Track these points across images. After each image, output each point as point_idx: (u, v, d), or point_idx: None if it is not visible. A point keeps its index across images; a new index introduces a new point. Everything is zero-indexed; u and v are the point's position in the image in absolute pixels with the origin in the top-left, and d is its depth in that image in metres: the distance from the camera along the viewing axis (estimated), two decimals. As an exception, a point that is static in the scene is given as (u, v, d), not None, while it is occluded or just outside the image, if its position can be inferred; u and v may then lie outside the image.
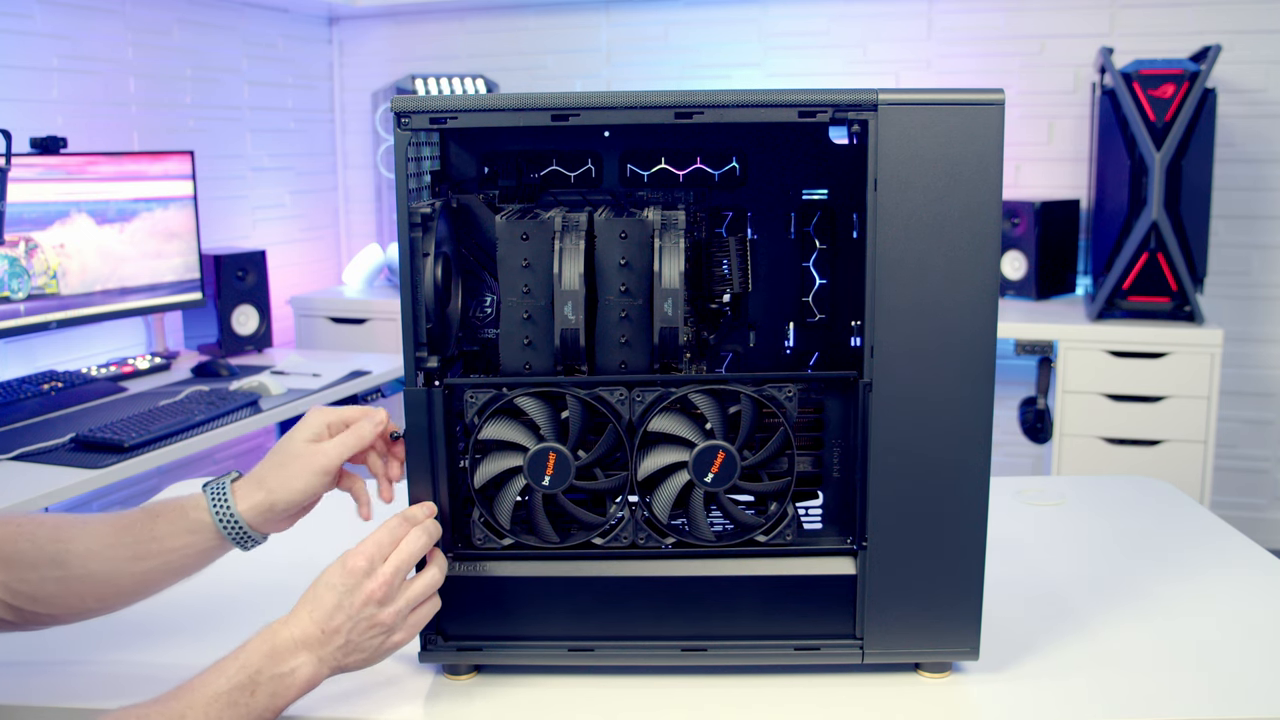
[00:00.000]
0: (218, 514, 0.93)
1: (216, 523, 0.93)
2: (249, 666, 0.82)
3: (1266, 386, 3.26)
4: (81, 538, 0.92)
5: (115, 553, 0.92)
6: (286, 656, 0.83)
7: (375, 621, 0.87)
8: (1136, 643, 1.03)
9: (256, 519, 0.94)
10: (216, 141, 3.33)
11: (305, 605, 0.86)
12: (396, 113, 0.90)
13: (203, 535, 0.94)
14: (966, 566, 0.94)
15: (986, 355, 0.91)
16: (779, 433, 0.93)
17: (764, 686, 0.96)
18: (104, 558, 0.92)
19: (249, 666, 0.82)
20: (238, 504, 0.93)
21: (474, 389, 0.93)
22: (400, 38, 3.85)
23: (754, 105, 0.89)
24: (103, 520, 0.94)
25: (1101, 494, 1.50)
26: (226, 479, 0.95)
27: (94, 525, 0.94)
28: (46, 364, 2.71)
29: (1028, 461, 3.43)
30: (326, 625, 0.85)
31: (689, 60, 3.62)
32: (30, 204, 2.41)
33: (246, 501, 0.94)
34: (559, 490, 0.92)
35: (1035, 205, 3.12)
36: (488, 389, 0.93)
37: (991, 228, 0.89)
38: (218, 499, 0.94)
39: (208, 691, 0.80)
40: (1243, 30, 3.12)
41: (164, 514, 0.94)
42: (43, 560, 0.90)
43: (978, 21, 3.37)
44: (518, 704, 0.94)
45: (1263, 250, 3.21)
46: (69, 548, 0.91)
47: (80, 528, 0.93)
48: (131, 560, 0.93)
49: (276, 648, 0.84)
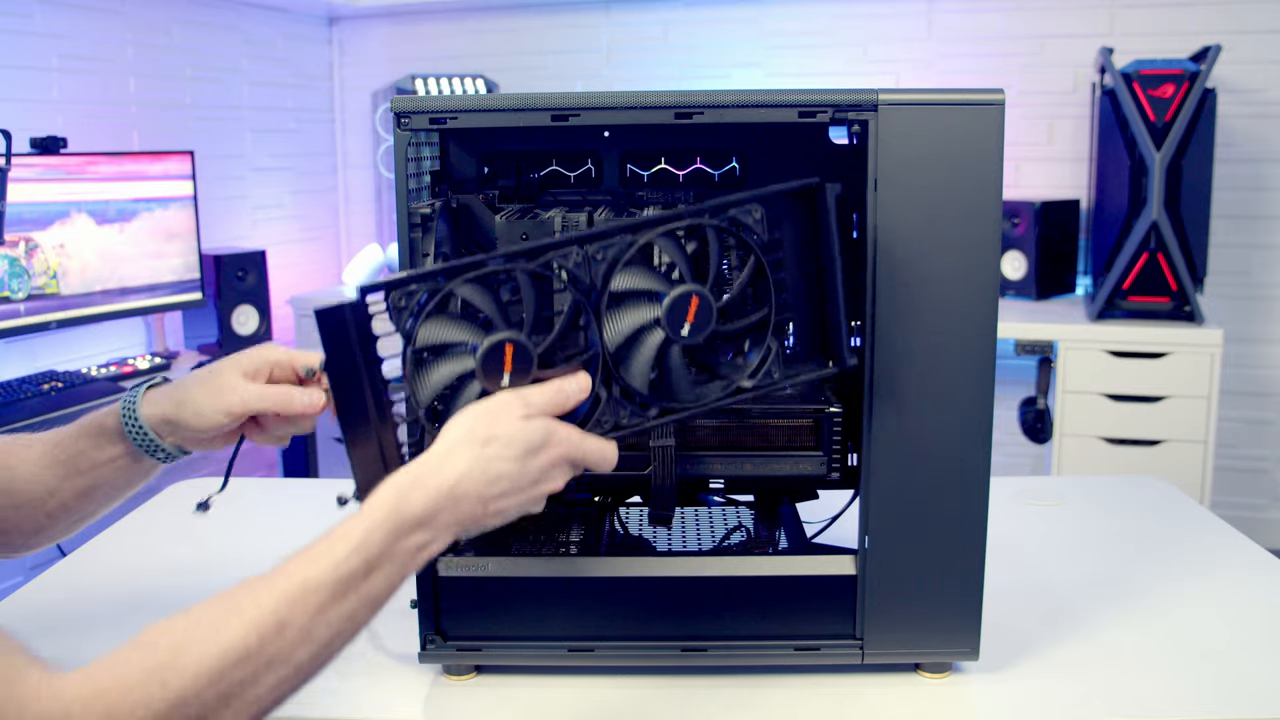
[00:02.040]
0: (125, 419, 0.91)
1: (123, 427, 0.91)
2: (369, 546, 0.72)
3: (1266, 386, 3.26)
4: (24, 462, 0.92)
5: (53, 472, 0.92)
6: (416, 530, 0.73)
7: (539, 492, 0.78)
8: (1136, 643, 1.03)
9: (162, 428, 0.91)
10: (216, 141, 3.33)
11: (453, 457, 0.75)
12: (396, 113, 0.90)
13: (119, 447, 0.92)
14: (966, 566, 0.94)
15: (986, 355, 0.91)
16: (750, 261, 0.84)
17: (764, 686, 0.96)
18: (44, 480, 0.92)
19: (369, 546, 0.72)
20: (145, 408, 0.91)
21: (396, 289, 0.78)
22: (400, 38, 3.85)
23: (754, 105, 0.89)
24: (41, 440, 0.94)
25: (1101, 494, 1.50)
26: (143, 385, 0.93)
27: (35, 447, 0.93)
28: (46, 364, 2.70)
29: (1028, 461, 3.43)
30: (488, 492, 0.75)
31: (689, 60, 3.62)
32: (30, 204, 2.41)
33: (153, 408, 0.91)
34: (520, 387, 0.79)
35: (1035, 205, 3.12)
36: (413, 285, 0.78)
37: (991, 228, 0.89)
38: (128, 403, 0.92)
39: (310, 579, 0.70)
40: (1243, 30, 3.12)
41: (89, 429, 0.93)
42: None
43: (978, 21, 3.37)
44: (518, 704, 0.94)
45: (1263, 250, 3.21)
46: (14, 474, 0.91)
47: (22, 452, 0.93)
48: (66, 478, 0.92)
49: (405, 519, 0.73)
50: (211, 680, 0.66)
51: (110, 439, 0.92)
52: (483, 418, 0.76)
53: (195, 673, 0.65)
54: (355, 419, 0.80)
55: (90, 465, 0.93)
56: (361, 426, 0.81)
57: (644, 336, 0.83)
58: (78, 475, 0.92)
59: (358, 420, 0.80)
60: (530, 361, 0.79)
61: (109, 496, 0.95)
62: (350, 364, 0.79)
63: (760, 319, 0.85)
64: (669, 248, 0.83)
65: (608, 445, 0.81)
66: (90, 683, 0.64)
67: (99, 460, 0.93)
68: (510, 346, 0.78)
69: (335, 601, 0.70)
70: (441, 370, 0.80)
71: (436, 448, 0.76)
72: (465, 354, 0.79)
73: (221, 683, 0.66)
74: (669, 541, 1.06)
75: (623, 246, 0.81)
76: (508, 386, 0.79)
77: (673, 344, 0.83)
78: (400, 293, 0.78)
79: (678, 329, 0.82)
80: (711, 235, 0.83)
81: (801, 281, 0.88)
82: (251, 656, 0.67)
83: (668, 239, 0.83)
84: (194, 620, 0.68)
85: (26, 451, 0.93)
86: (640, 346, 0.83)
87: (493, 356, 0.78)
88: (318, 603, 0.70)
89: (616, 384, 0.84)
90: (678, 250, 0.83)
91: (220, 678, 0.66)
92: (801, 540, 1.03)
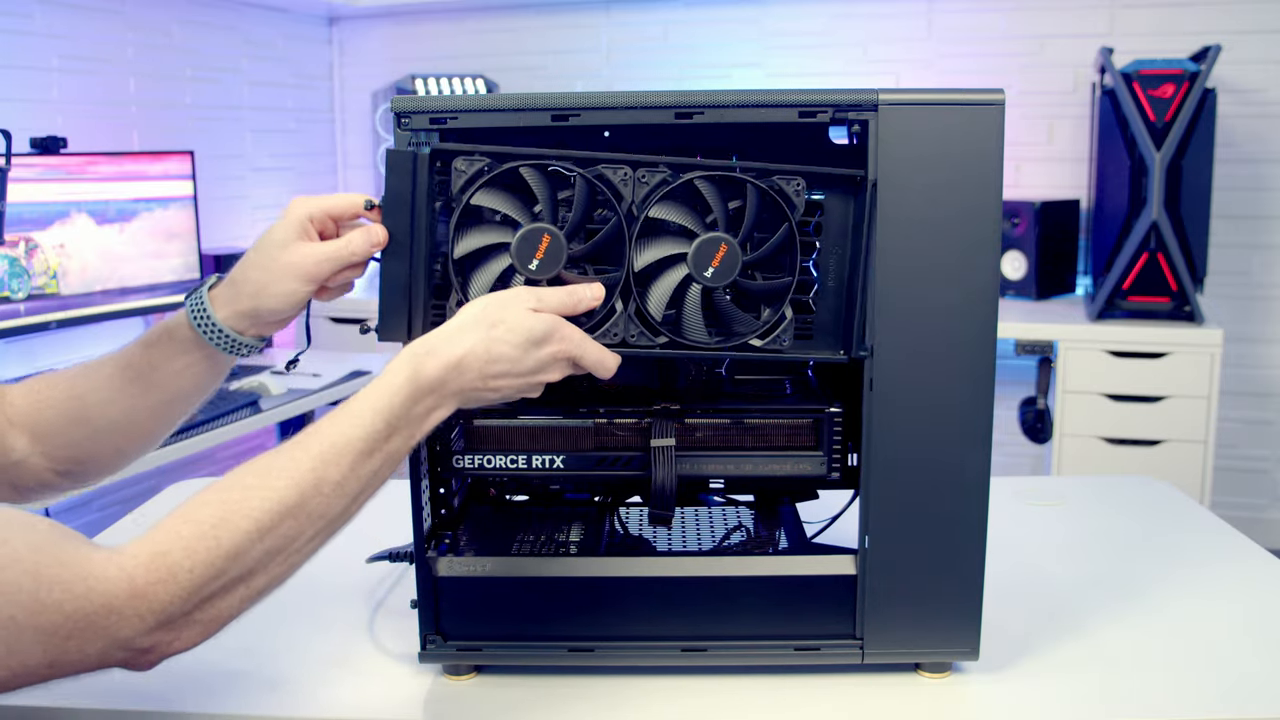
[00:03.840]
0: (200, 327, 0.90)
1: (203, 335, 0.90)
2: (391, 408, 0.79)
3: (1266, 386, 3.26)
4: (94, 389, 0.92)
5: (126, 393, 0.92)
6: (427, 395, 0.80)
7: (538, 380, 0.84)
8: (1136, 643, 1.03)
9: (242, 325, 0.91)
10: (216, 141, 3.33)
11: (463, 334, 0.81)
12: (396, 113, 0.90)
13: (197, 353, 0.92)
14: (966, 566, 0.94)
15: (986, 355, 0.91)
16: (784, 227, 0.89)
17: (764, 686, 0.96)
18: (118, 402, 0.92)
19: (391, 408, 0.79)
20: (218, 311, 0.90)
21: (465, 155, 0.87)
22: (400, 38, 3.85)
23: (754, 105, 0.89)
24: (108, 363, 0.93)
25: (1101, 494, 1.50)
26: (204, 287, 0.92)
27: (103, 371, 0.93)
28: (46, 364, 2.70)
29: (1028, 461, 3.43)
30: (488, 370, 0.81)
31: (689, 60, 3.62)
32: (30, 204, 2.41)
33: (228, 309, 0.90)
34: (544, 278, 0.86)
35: (1035, 205, 3.12)
36: (480, 157, 0.87)
37: (991, 228, 0.89)
38: (198, 313, 0.90)
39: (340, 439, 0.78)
40: (1243, 30, 3.12)
41: (155, 342, 0.92)
42: (67, 422, 0.91)
43: (978, 21, 3.37)
44: (518, 704, 0.94)
45: (1263, 250, 3.21)
46: (85, 402, 0.91)
47: (91, 378, 0.93)
48: (142, 396, 0.92)
49: (420, 384, 0.80)
50: (261, 533, 0.73)
51: (183, 346, 0.91)
52: (494, 303, 0.83)
53: (246, 529, 0.72)
54: (396, 257, 0.88)
55: (167, 377, 0.92)
56: (399, 265, 0.88)
57: (669, 269, 0.88)
58: (154, 389, 0.92)
59: (397, 258, 0.88)
60: (560, 257, 0.85)
61: (185, 407, 0.95)
62: (405, 207, 0.87)
63: (782, 285, 0.90)
64: (712, 195, 0.88)
65: (608, 354, 0.86)
66: (150, 545, 0.71)
67: (175, 370, 0.92)
68: (547, 237, 0.85)
69: (364, 459, 0.78)
70: (479, 236, 0.87)
71: (451, 323, 0.82)
72: (505, 229, 0.86)
73: (270, 536, 0.73)
74: (669, 541, 1.06)
75: (667, 177, 0.88)
76: (534, 272, 0.85)
77: (693, 283, 0.88)
78: (466, 159, 0.87)
79: (702, 269, 0.87)
80: (752, 194, 0.88)
81: (834, 266, 0.92)
82: (294, 511, 0.74)
83: (711, 186, 0.88)
84: (240, 482, 0.75)
85: (95, 376, 0.92)
86: (663, 277, 0.89)
87: (528, 240, 0.85)
88: (350, 460, 0.77)
89: (634, 302, 0.89)
90: (720, 199, 0.88)
91: (269, 531, 0.73)
92: (801, 540, 1.03)
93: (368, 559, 1.12)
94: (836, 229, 0.92)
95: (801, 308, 0.93)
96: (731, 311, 0.90)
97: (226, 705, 0.92)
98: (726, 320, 0.90)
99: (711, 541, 1.06)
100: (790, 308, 0.91)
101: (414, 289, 0.89)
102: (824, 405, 0.97)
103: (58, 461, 0.92)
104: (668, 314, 0.89)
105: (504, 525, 1.05)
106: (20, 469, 0.91)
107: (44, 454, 0.91)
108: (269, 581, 0.75)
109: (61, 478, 0.93)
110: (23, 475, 0.91)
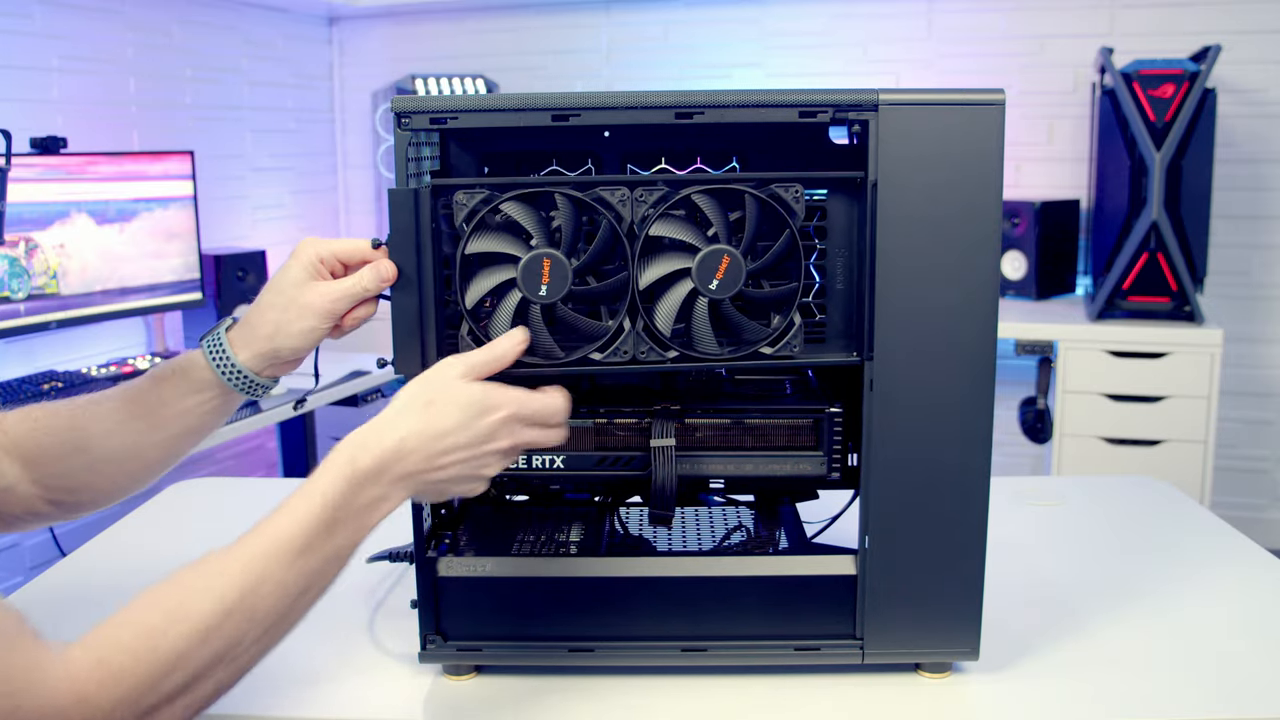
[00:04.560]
0: (219, 368, 0.91)
1: (220, 377, 0.91)
2: (329, 503, 0.77)
3: (1266, 386, 3.26)
4: (97, 419, 0.92)
5: (131, 427, 0.92)
6: (368, 484, 0.78)
7: (488, 450, 0.82)
8: (1136, 643, 1.03)
9: (260, 365, 0.92)
10: (216, 141, 3.33)
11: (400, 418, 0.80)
12: (396, 113, 0.90)
13: (210, 392, 0.92)
14: (966, 567, 0.94)
15: (986, 355, 0.91)
16: (785, 234, 0.89)
17: (764, 686, 0.96)
18: (121, 435, 0.92)
19: (329, 503, 0.77)
20: (238, 354, 0.91)
21: (465, 189, 0.88)
22: (400, 38, 3.85)
23: (754, 105, 0.89)
24: (113, 396, 0.93)
25: (1101, 494, 1.50)
26: (221, 329, 0.93)
27: (107, 404, 0.93)
28: (46, 364, 2.71)
29: (1028, 461, 3.43)
30: (433, 448, 0.80)
31: (689, 60, 3.62)
32: (30, 204, 2.41)
33: (248, 350, 0.91)
34: (556, 299, 0.87)
35: (1035, 205, 3.12)
36: (479, 189, 0.88)
37: (991, 228, 0.89)
38: (216, 353, 0.91)
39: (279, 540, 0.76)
40: (1243, 30, 3.12)
41: (168, 379, 0.93)
42: (66, 450, 0.90)
43: (978, 21, 3.37)
44: (518, 704, 0.94)
45: (1263, 250, 3.21)
46: (87, 432, 0.91)
47: (95, 409, 0.93)
48: (148, 431, 0.92)
49: (357, 474, 0.78)
50: (204, 638, 0.71)
51: (196, 385, 0.92)
52: (424, 383, 0.82)
53: (188, 632, 0.71)
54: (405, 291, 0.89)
55: (176, 414, 0.92)
56: (409, 299, 0.89)
57: (675, 284, 0.89)
58: (161, 425, 0.92)
59: (407, 293, 0.89)
60: (566, 275, 0.86)
61: (189, 443, 0.95)
62: (410, 242, 0.89)
63: (787, 291, 0.90)
64: (711, 208, 0.89)
65: (553, 398, 0.86)
66: (91, 652, 0.68)
67: (186, 407, 0.92)
68: (548, 261, 0.86)
69: (304, 555, 0.76)
70: (485, 280, 0.88)
71: (386, 411, 0.82)
72: (508, 266, 0.88)
73: (212, 639, 0.72)
74: (669, 541, 1.06)
75: (665, 194, 0.88)
76: (546, 297, 0.86)
77: (700, 297, 0.89)
78: (466, 192, 0.88)
79: (706, 283, 0.88)
80: (751, 205, 0.89)
81: (841, 268, 0.93)
82: (235, 612, 0.72)
83: (710, 200, 0.89)
84: (181, 584, 0.73)
85: (99, 408, 0.92)
86: (669, 292, 0.89)
87: (531, 270, 0.86)
88: (290, 557, 0.75)
89: (641, 319, 0.90)
90: (719, 212, 0.89)
91: (210, 634, 0.71)
92: (801, 540, 1.03)
93: (368, 559, 1.12)
94: (841, 231, 0.93)
95: (811, 312, 0.94)
96: (740, 321, 0.90)
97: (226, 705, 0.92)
98: (736, 330, 0.91)
99: (711, 541, 1.06)
100: (799, 313, 0.91)
101: (425, 321, 0.89)
102: (824, 405, 0.97)
103: (50, 490, 0.91)
104: (677, 327, 0.90)
105: (504, 525, 1.05)
106: (8, 495, 0.90)
107: (36, 481, 0.91)
108: (215, 688, 0.73)
109: (52, 506, 0.92)
110: (10, 502, 0.91)
